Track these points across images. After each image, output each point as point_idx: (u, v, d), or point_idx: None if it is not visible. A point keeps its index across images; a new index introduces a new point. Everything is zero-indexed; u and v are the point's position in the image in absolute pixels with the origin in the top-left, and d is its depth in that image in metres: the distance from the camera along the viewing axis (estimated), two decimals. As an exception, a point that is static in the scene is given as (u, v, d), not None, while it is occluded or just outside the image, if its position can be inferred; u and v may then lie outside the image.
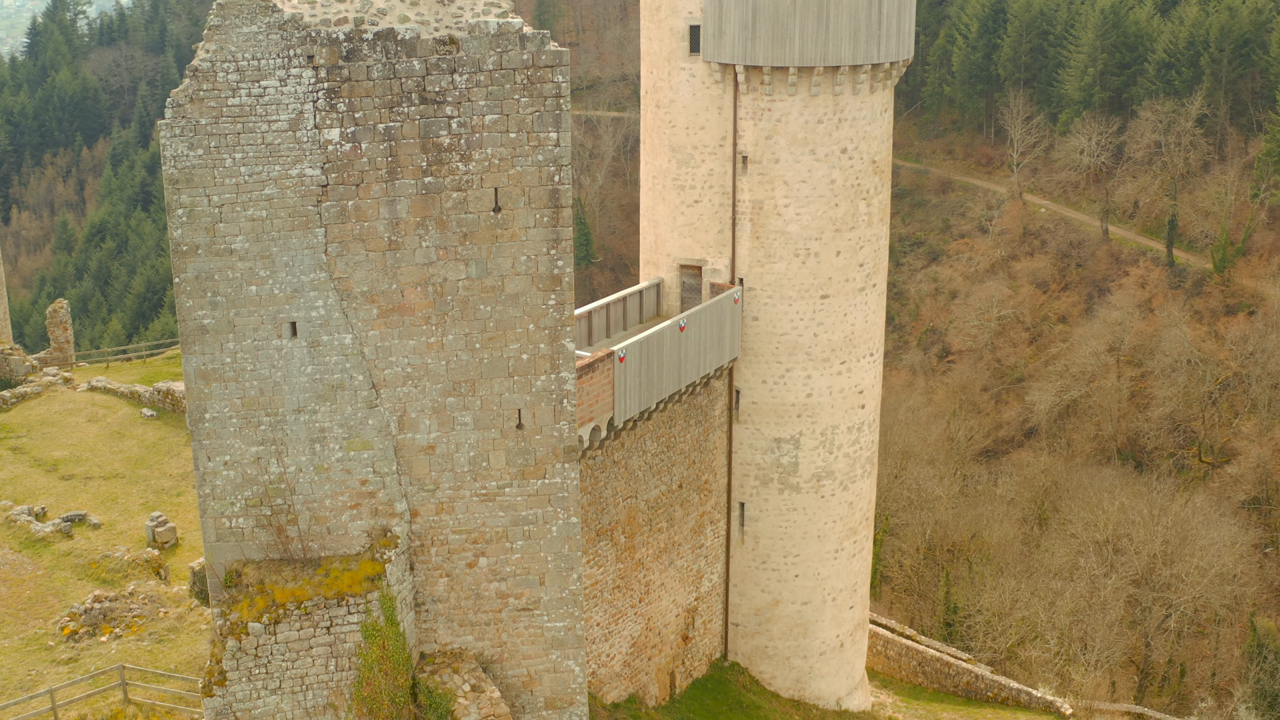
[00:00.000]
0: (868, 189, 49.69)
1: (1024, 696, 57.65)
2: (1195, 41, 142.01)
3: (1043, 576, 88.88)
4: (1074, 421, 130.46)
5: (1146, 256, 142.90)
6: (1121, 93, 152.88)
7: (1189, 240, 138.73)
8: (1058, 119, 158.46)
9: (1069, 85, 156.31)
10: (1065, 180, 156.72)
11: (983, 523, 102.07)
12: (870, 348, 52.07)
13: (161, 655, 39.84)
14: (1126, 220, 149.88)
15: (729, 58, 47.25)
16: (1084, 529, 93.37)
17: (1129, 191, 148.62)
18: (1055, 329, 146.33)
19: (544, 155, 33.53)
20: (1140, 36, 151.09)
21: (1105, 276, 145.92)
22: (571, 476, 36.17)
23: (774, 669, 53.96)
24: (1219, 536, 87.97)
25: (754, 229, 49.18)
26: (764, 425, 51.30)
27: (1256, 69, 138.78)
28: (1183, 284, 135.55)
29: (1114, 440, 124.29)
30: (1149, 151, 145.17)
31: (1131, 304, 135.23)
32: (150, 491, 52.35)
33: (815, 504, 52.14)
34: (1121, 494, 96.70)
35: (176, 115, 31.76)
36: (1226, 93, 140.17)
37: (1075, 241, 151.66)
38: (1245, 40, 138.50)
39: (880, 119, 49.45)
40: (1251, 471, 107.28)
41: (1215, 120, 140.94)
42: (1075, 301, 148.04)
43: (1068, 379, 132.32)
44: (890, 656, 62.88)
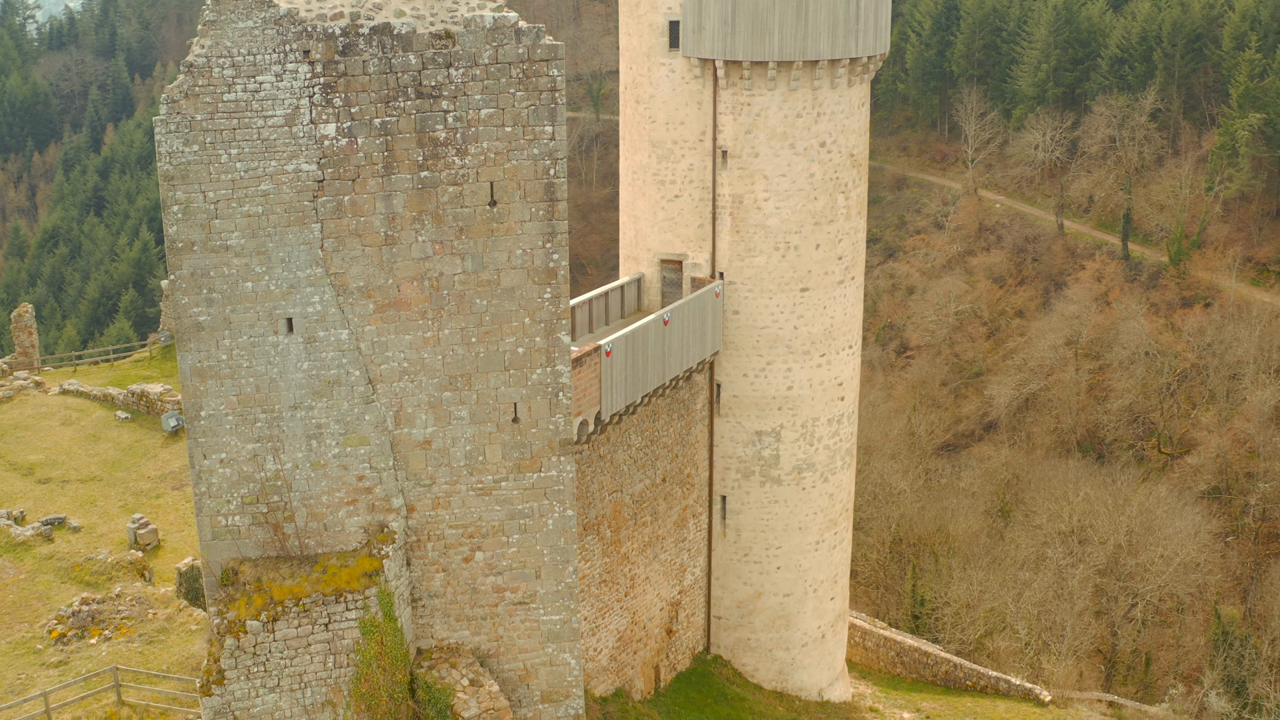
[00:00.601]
0: (846, 182, 50.03)
1: (1003, 684, 58.16)
2: (1148, 36, 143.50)
3: (1009, 568, 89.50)
4: (1033, 415, 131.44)
5: (1102, 250, 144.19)
6: (1075, 88, 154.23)
7: (1144, 234, 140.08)
8: (1011, 115, 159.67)
9: (1022, 81, 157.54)
10: (1020, 176, 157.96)
11: (947, 516, 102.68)
12: (849, 340, 52.43)
13: (153, 656, 39.60)
14: (1081, 215, 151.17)
15: (709, 53, 47.46)
16: (1049, 520, 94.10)
17: (1084, 186, 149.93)
18: (1012, 323, 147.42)
19: (539, 149, 33.64)
20: (1093, 32, 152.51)
21: (1061, 270, 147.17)
22: (567, 469, 36.27)
23: (756, 661, 54.21)
24: (1182, 526, 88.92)
25: (734, 223, 49.40)
26: (745, 418, 51.54)
27: (1209, 63, 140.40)
28: (1139, 277, 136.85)
29: (1074, 433, 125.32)
30: (1103, 146, 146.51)
31: (1088, 297, 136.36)
32: (129, 494, 52.00)
33: (796, 496, 52.43)
34: (1085, 485, 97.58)
35: (171, 111, 31.65)
36: (1179, 87, 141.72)
37: (1031, 236, 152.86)
38: (1197, 35, 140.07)
39: (858, 113, 49.81)
40: (1211, 462, 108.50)
41: (1168, 114, 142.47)
42: (1032, 296, 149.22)
43: (1026, 373, 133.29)
44: (868, 647, 63.29)
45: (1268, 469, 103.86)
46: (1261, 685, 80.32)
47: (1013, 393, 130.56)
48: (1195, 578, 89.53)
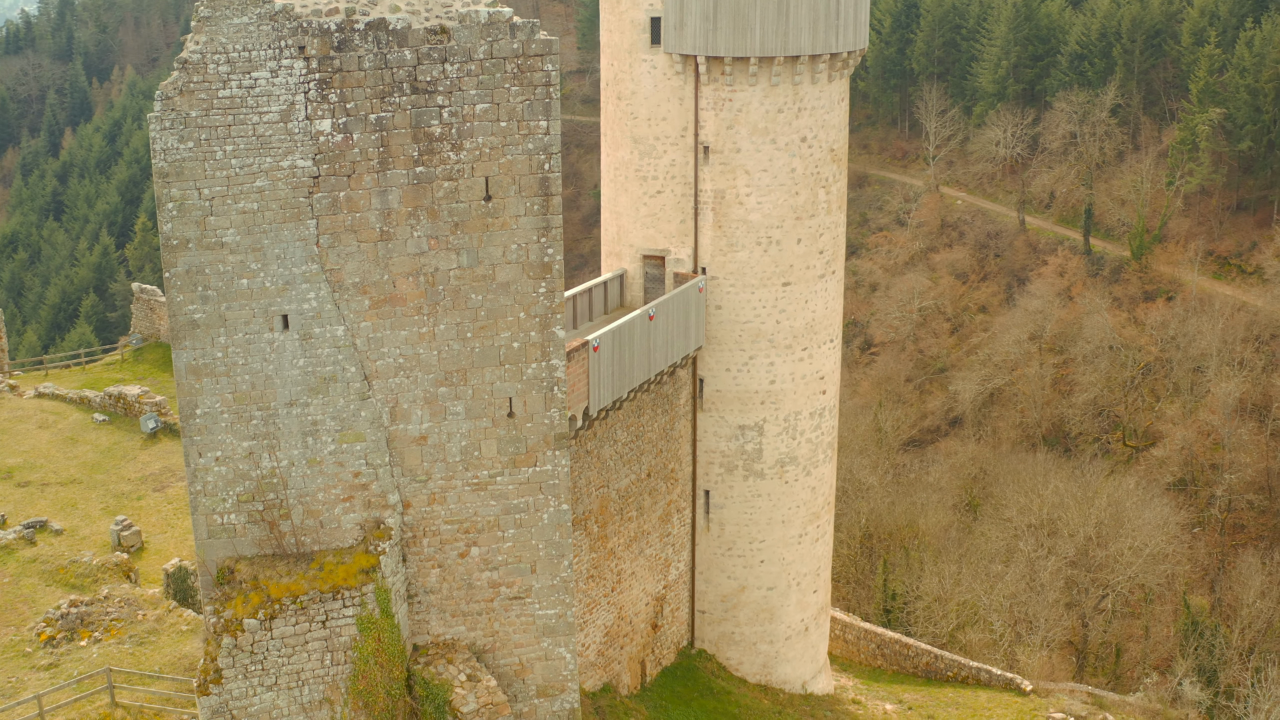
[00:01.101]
0: (826, 177, 50.31)
1: (984, 675, 58.56)
2: (1107, 33, 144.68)
3: (981, 561, 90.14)
4: (998, 409, 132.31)
5: (1064, 245, 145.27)
6: (1035, 85, 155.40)
7: (1106, 229, 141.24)
8: (972, 112, 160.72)
9: (983, 78, 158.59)
10: (981, 172, 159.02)
11: (917, 510, 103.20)
12: (830, 334, 52.71)
13: (144, 658, 39.43)
14: (1043, 210, 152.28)
15: (690, 49, 47.63)
16: (1019, 514, 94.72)
17: (1045, 182, 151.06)
18: (976, 319, 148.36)
19: (534, 143, 33.70)
20: (1052, 29, 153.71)
21: (1024, 266, 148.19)
22: (562, 463, 36.35)
23: (741, 655, 54.42)
24: (1150, 517, 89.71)
25: (716, 218, 49.59)
26: (728, 413, 51.73)
27: (1168, 59, 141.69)
28: (1101, 272, 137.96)
29: (1039, 427, 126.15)
30: (1064, 142, 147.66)
31: (1051, 292, 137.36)
32: (109, 496, 51.70)
33: (779, 490, 52.67)
34: (1054, 478, 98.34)
35: (166, 108, 31.53)
36: (1139, 83, 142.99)
37: (993, 232, 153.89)
38: (1156, 31, 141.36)
39: (838, 108, 50.10)
40: (1177, 454, 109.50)
41: (1129, 110, 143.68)
42: (995, 291, 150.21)
43: (990, 368, 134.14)
44: (849, 640, 63.61)
45: (1233, 460, 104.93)
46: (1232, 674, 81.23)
47: (977, 388, 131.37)
48: (1164, 568, 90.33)
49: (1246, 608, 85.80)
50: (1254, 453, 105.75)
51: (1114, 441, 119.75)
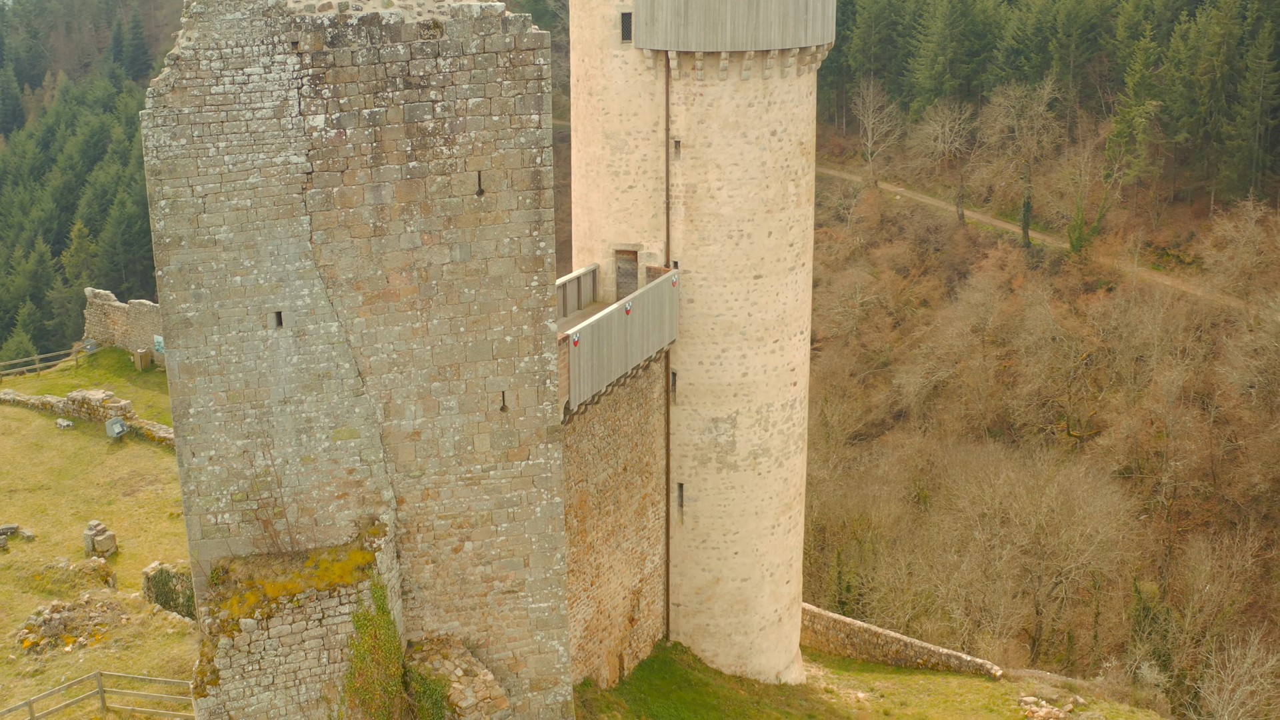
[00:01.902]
0: (796, 170, 50.70)
1: (953, 661, 59.16)
2: (1043, 27, 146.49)
3: (935, 551, 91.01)
4: (943, 402, 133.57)
5: (1004, 239, 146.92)
6: (971, 80, 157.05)
7: (1045, 221, 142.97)
8: (909, 108, 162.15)
9: (920, 74, 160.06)
10: (920, 167, 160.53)
11: (869, 503, 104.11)
12: (800, 326, 53.11)
13: (131, 662, 39.13)
14: (982, 204, 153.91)
15: (662, 44, 47.83)
16: (970, 504, 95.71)
17: (983, 176, 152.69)
18: (918, 313, 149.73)
19: (526, 137, 33.80)
20: (988, 24, 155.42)
21: (964, 260, 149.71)
22: (554, 456, 36.47)
23: (716, 646, 54.71)
24: (1101, 505, 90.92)
25: (688, 212, 49.84)
26: (701, 406, 52.00)
27: (1104, 52, 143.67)
28: (1041, 264, 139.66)
29: (984, 418, 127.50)
30: (1002, 136, 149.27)
31: (992, 285, 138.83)
32: (79, 501, 51.24)
33: (752, 481, 53.01)
34: (1005, 468, 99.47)
35: (158, 105, 31.35)
36: (1075, 77, 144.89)
37: (932, 227, 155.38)
38: (1092, 25, 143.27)
39: (806, 101, 50.50)
40: (1122, 442, 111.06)
41: (1066, 104, 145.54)
42: (936, 285, 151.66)
43: (934, 361, 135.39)
44: (818, 630, 64.09)
45: (1178, 447, 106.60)
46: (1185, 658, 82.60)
47: (921, 381, 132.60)
48: (1115, 555, 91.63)
49: (1197, 592, 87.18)
50: (1198, 440, 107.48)
51: (1058, 431, 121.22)
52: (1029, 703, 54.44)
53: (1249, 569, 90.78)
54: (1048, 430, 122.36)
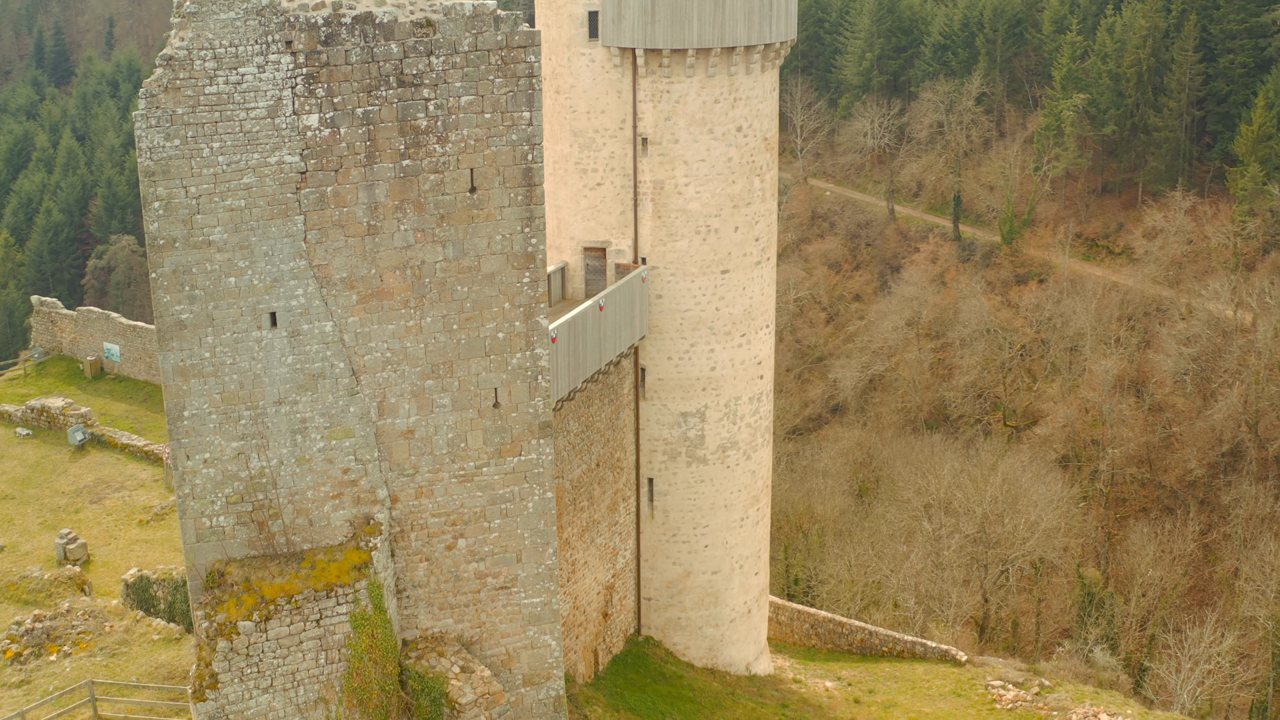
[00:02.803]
0: (761, 165, 51.18)
1: (919, 648, 59.87)
2: (970, 23, 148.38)
3: (884, 541, 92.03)
4: (879, 395, 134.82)
5: (935, 233, 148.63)
6: (899, 75, 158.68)
7: (975, 215, 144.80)
8: (838, 104, 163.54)
9: (847, 70, 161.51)
10: (849, 163, 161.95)
11: (814, 497, 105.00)
12: (766, 319, 53.62)
13: (118, 669, 38.79)
14: (911, 199, 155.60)
15: (629, 42, 48.09)
16: (916, 494, 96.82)
17: (913, 171, 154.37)
18: (851, 307, 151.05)
19: (518, 134, 33.95)
20: (915, 20, 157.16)
21: (895, 254, 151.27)
22: (546, 451, 36.65)
23: (687, 639, 55.07)
24: (1044, 493, 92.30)
25: (656, 209, 50.15)
26: (670, 400, 52.33)
27: (1030, 47, 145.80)
28: (972, 257, 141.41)
29: (920, 410, 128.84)
30: (931, 131, 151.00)
31: (925, 279, 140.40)
32: (46, 510, 50.64)
33: (722, 474, 53.42)
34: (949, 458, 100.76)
35: (151, 106, 31.16)
36: (1002, 71, 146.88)
37: (863, 222, 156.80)
38: (1018, 20, 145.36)
39: (770, 97, 50.98)
40: (1060, 431, 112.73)
41: (993, 98, 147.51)
42: (868, 280, 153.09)
43: (869, 355, 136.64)
44: (782, 622, 64.62)
45: (1114, 435, 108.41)
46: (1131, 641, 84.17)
47: (857, 375, 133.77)
48: (1059, 542, 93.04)
49: (1141, 577, 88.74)
50: (1134, 427, 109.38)
51: (995, 422, 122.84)
52: (996, 686, 55.28)
53: (1191, 553, 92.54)
54: (984, 421, 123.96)
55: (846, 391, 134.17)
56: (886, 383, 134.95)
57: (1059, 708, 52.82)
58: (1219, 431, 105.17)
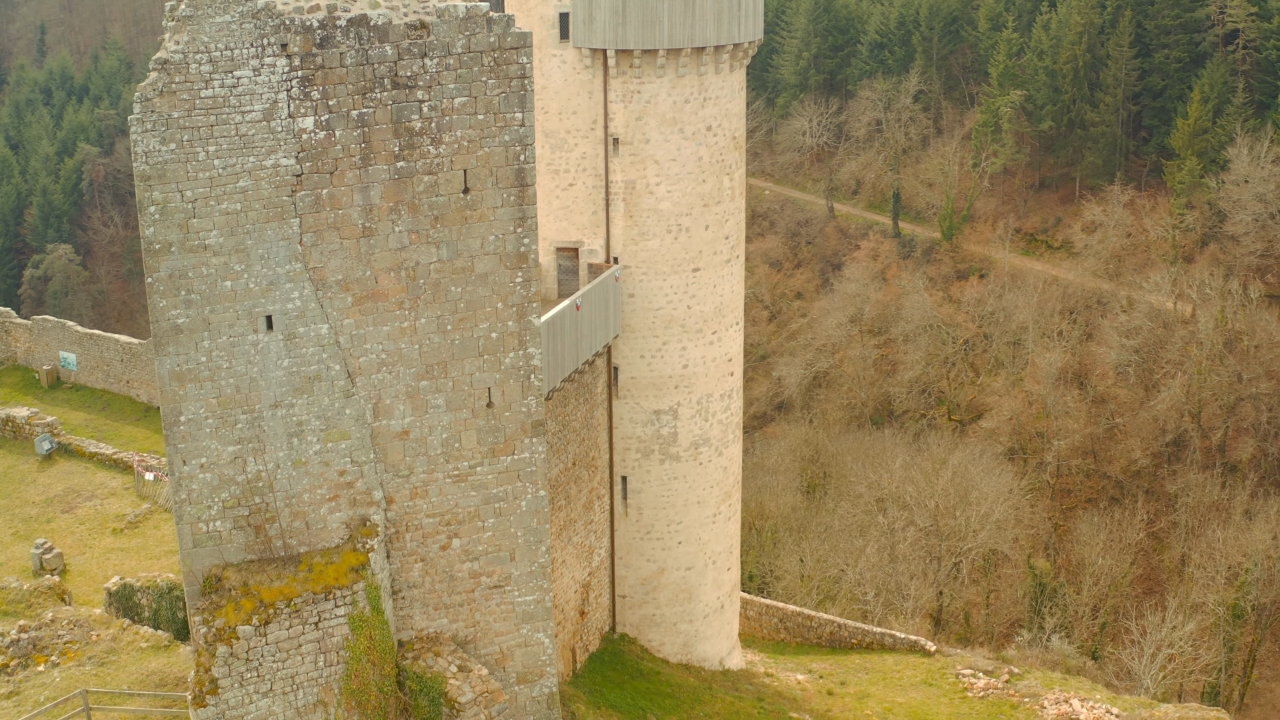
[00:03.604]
0: (730, 164, 51.62)
1: (888, 639, 60.56)
2: (906, 21, 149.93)
3: (839, 536, 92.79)
4: (824, 392, 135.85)
5: (875, 230, 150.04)
6: (836, 74, 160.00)
7: (915, 212, 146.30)
8: (775, 103, 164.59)
9: (785, 70, 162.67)
10: (788, 162, 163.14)
11: (765, 494, 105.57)
12: (736, 317, 54.05)
13: (109, 678, 38.53)
14: (851, 197, 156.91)
15: (600, 43, 48.35)
16: (868, 489, 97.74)
17: (852, 169, 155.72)
18: (794, 305, 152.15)
19: (510, 135, 34.16)
20: (851, 19, 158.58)
21: (836, 252, 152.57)
22: (539, 450, 36.87)
23: (662, 636, 55.41)
24: (995, 486, 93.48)
25: (627, 208, 50.46)
26: (643, 399, 52.64)
27: (966, 44, 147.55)
28: (913, 253, 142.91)
29: (866, 406, 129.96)
30: (869, 129, 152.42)
31: (866, 276, 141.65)
32: (17, 520, 50.16)
33: (694, 471, 53.81)
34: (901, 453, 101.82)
35: (146, 110, 31.06)
36: (939, 69, 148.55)
37: (803, 220, 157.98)
38: (954, 18, 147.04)
39: (738, 96, 51.45)
40: (1006, 424, 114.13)
41: (931, 96, 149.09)
42: (810, 278, 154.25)
43: (813, 352, 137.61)
44: (750, 616, 65.09)
45: (1059, 427, 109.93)
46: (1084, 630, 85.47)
47: (802, 372, 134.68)
48: (1010, 534, 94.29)
49: (1091, 566, 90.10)
50: (1079, 419, 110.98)
51: (939, 417, 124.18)
52: (966, 675, 56.04)
53: (1140, 541, 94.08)
54: (929, 416, 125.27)
55: (791, 389, 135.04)
56: (831, 379, 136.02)
57: (1030, 694, 53.66)
58: (1162, 422, 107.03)
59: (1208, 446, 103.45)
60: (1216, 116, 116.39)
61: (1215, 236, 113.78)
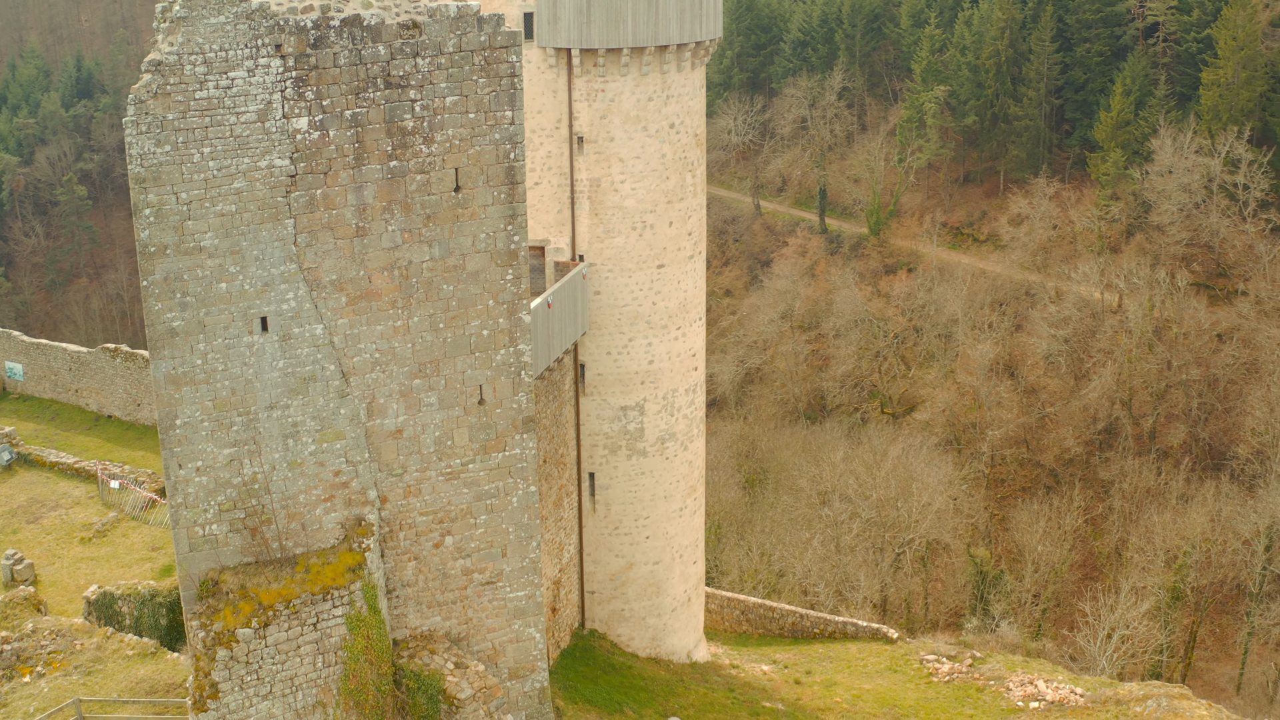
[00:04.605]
0: (692, 161, 52.08)
1: (850, 628, 61.27)
2: (828, 19, 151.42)
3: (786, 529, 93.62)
4: (757, 388, 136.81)
5: (802, 226, 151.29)
6: (759, 72, 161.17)
7: (842, 208, 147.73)
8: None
9: (709, 69, 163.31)
10: (714, 160, 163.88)
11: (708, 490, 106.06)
12: (699, 312, 54.52)
13: (97, 687, 38.15)
14: (777, 194, 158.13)
15: (564, 42, 48.61)
16: (810, 483, 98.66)
17: (778, 166, 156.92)
18: (723, 302, 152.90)
19: (500, 134, 34.38)
20: (774, 17, 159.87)
21: (763, 249, 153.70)
22: (529, 446, 37.11)
23: (631, 630, 55.75)
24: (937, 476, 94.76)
25: (593, 206, 50.74)
26: (610, 395, 52.95)
27: (889, 41, 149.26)
28: (841, 249, 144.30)
29: (799, 401, 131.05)
30: (794, 127, 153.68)
31: (795, 272, 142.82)
32: (-20, 532, 49.48)
33: (661, 466, 54.21)
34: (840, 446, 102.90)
35: (140, 112, 30.94)
36: (862, 66, 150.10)
37: (729, 218, 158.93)
38: (876, 15, 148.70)
39: (699, 94, 51.91)
40: (940, 416, 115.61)
41: (855, 93, 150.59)
42: (738, 275, 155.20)
43: (744, 348, 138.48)
44: (712, 609, 65.54)
45: (993, 418, 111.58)
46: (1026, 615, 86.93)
47: (734, 369, 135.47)
48: (952, 523, 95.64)
49: (1031, 553, 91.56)
50: (1012, 409, 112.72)
51: (872, 411, 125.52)
52: (930, 660, 56.88)
53: (1080, 528, 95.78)
54: (862, 410, 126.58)
55: (725, 386, 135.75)
56: (764, 375, 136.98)
57: (995, 677, 54.60)
58: (1093, 410, 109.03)
59: (1139, 433, 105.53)
60: (1139, 109, 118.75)
61: (1141, 227, 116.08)
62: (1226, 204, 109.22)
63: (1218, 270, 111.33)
